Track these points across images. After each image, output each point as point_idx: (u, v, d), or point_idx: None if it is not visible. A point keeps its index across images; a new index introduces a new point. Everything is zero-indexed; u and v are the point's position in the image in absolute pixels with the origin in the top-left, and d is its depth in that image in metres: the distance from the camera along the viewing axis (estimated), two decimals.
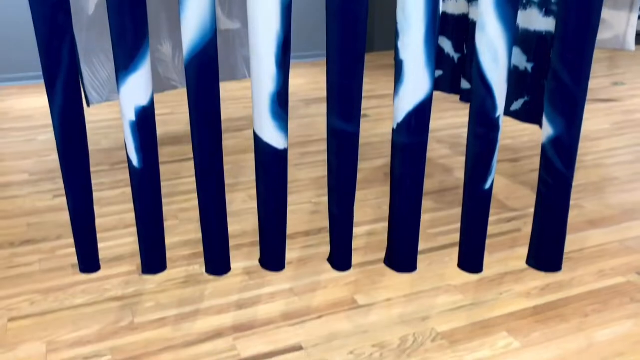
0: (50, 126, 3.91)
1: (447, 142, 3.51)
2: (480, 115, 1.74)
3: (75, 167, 1.80)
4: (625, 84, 4.83)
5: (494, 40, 1.65)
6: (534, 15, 2.60)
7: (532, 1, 2.62)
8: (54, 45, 1.61)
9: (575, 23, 1.66)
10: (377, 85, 4.96)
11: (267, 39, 1.61)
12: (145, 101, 1.71)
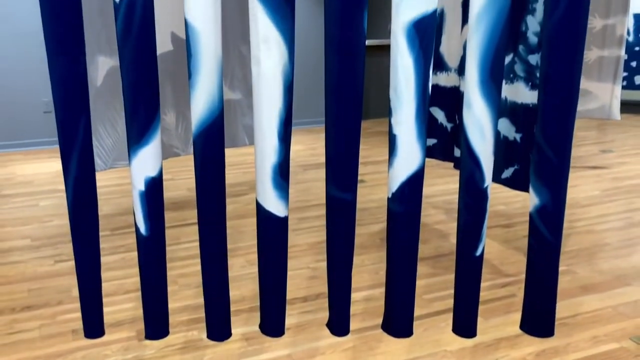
0: (52, 191, 4.01)
1: (442, 208, 3.59)
2: (469, 187, 1.83)
3: (84, 234, 1.86)
4: (613, 151, 4.98)
5: (480, 118, 1.76)
6: (520, 89, 2.74)
7: (519, 75, 2.77)
8: (71, 119, 1.71)
9: (555, 100, 1.78)
10: (373, 151, 5.10)
11: (271, 116, 1.72)
12: (154, 172, 1.80)
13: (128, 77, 1.67)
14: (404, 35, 1.67)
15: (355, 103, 1.75)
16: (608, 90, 4.35)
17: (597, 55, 4.33)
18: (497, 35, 1.69)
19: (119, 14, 1.64)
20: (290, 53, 1.71)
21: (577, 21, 1.71)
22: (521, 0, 2.67)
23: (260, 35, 1.67)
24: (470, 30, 1.71)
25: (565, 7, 1.70)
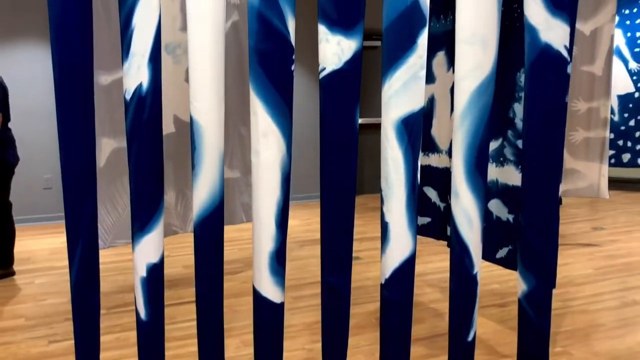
0: (48, 269, 4.02)
1: (437, 286, 3.61)
2: (459, 273, 1.89)
3: (86, 315, 1.89)
4: (605, 229, 5.05)
5: (467, 208, 1.84)
6: (511, 172, 2.85)
7: (509, 159, 2.88)
8: (79, 206, 1.79)
9: (536, 187, 1.87)
10: (369, 227, 5.16)
11: (269, 205, 1.80)
12: (156, 258, 1.85)
13: (136, 169, 1.76)
14: (394, 130, 1.78)
15: (348, 195, 1.84)
16: (596, 169, 4.48)
17: (583, 137, 4.50)
18: (480, 131, 1.81)
19: (129, 111, 1.75)
20: (288, 146, 1.81)
21: (556, 116, 1.83)
22: (509, 89, 2.83)
23: (260, 130, 1.78)
24: (455, 126, 1.83)
25: (543, 111, 1.82)
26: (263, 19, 1.74)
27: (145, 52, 1.72)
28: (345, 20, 1.76)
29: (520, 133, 2.87)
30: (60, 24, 1.74)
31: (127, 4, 1.72)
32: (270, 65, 1.76)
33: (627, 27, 6.06)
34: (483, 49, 1.79)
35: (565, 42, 1.78)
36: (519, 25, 2.67)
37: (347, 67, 1.77)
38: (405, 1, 1.76)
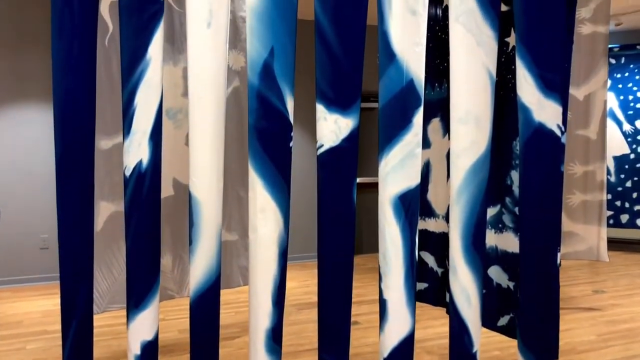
0: (40, 333, 3.93)
1: (436, 353, 3.53)
2: (458, 352, 1.86)
3: None
4: (605, 292, 5.00)
5: (465, 286, 1.84)
6: (510, 239, 2.84)
7: (508, 225, 2.88)
8: (76, 283, 1.78)
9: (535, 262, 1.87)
10: (367, 289, 5.09)
11: (266, 282, 1.80)
12: (151, 336, 1.83)
13: (133, 245, 1.76)
14: (391, 206, 1.80)
15: (345, 267, 1.83)
16: (594, 232, 4.47)
17: (581, 199, 4.52)
18: (477, 207, 1.82)
19: (128, 187, 1.77)
20: (285, 221, 1.82)
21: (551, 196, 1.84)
22: (506, 157, 2.86)
23: (257, 206, 1.79)
24: (451, 202, 1.84)
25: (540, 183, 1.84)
26: (262, 98, 1.78)
27: (146, 130, 1.75)
28: (342, 100, 1.81)
29: (518, 201, 2.88)
30: (63, 90, 1.78)
31: (130, 83, 1.76)
32: (269, 143, 1.79)
33: (620, 90, 6.20)
34: (477, 127, 1.83)
35: (558, 121, 1.82)
36: (513, 96, 2.73)
37: (345, 145, 1.80)
38: (401, 82, 1.81)
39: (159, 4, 1.86)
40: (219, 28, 1.87)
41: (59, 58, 1.80)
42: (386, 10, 1.88)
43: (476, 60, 1.85)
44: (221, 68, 1.86)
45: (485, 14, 1.84)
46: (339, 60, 1.86)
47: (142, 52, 1.81)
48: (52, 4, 1.85)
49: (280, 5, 1.86)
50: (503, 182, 2.88)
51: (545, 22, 1.82)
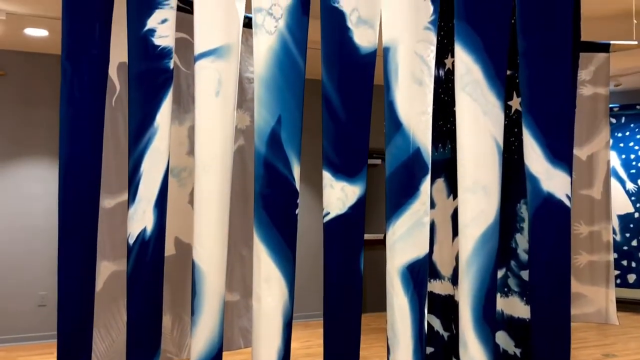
0: None
1: None
2: None
3: None
4: (616, 356, 4.86)
5: None
6: (516, 303, 2.78)
7: (513, 290, 2.83)
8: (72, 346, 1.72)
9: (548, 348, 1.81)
10: (371, 350, 4.96)
11: (269, 354, 1.74)
12: None
13: (134, 312, 1.72)
14: (399, 277, 1.76)
15: (352, 336, 1.78)
16: (602, 294, 4.39)
17: (588, 260, 4.45)
18: (487, 279, 1.78)
19: (131, 255, 1.74)
20: (290, 291, 1.78)
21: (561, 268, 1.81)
22: (510, 219, 2.83)
23: (262, 275, 1.76)
24: (460, 272, 1.81)
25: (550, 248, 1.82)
26: (269, 165, 1.78)
27: (151, 198, 1.74)
28: (349, 167, 1.80)
29: (524, 264, 2.83)
30: (69, 154, 1.78)
31: (137, 150, 1.77)
32: (275, 210, 1.77)
33: (621, 149, 6.23)
34: (485, 196, 1.81)
35: (566, 191, 1.80)
36: (517, 158, 2.73)
37: (351, 212, 1.78)
38: (407, 151, 1.81)
39: (168, 72, 1.89)
40: (227, 97, 1.89)
41: (67, 125, 1.81)
42: (392, 80, 1.90)
43: (483, 129, 1.86)
44: (228, 138, 1.87)
45: (491, 84, 1.86)
46: (346, 128, 1.87)
47: (150, 119, 1.82)
48: (62, 72, 1.87)
49: (288, 74, 1.88)
50: (508, 245, 2.85)
51: (551, 91, 1.84)
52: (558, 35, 1.86)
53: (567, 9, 1.90)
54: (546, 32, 1.85)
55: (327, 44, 1.92)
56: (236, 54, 1.93)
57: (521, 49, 1.90)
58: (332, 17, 1.93)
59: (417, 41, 1.91)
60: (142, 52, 1.87)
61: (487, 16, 1.88)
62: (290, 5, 1.91)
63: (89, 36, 1.90)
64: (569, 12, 1.91)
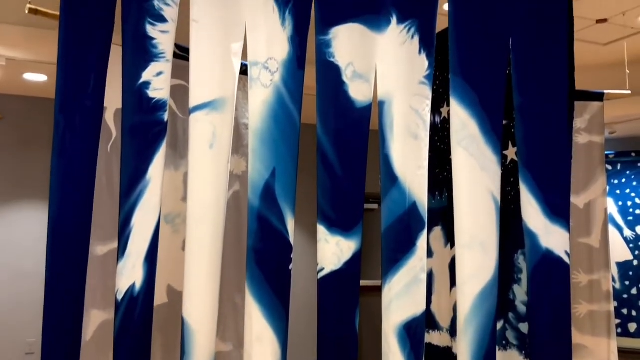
0: None
1: None
2: None
3: None
4: None
5: None
6: (514, 357, 2.71)
7: (512, 343, 2.76)
8: None
9: None
10: None
11: None
12: None
13: None
14: (395, 336, 1.71)
15: None
16: (604, 345, 4.29)
17: (587, 310, 4.37)
18: (486, 339, 1.73)
19: (119, 311, 1.69)
20: (283, 351, 1.72)
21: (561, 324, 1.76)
22: (508, 271, 2.79)
23: (254, 333, 1.70)
24: (459, 332, 1.75)
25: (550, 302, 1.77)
26: (262, 219, 1.75)
27: (141, 253, 1.70)
28: (345, 221, 1.77)
29: (522, 316, 2.77)
30: (59, 202, 1.75)
31: (128, 203, 1.74)
32: (268, 266, 1.73)
33: (618, 196, 6.23)
34: (483, 253, 1.78)
35: (566, 247, 1.77)
36: (513, 208, 2.70)
37: (347, 268, 1.74)
38: (404, 205, 1.78)
39: (162, 124, 1.88)
40: (221, 150, 1.87)
41: (58, 176, 1.79)
42: (388, 133, 1.89)
43: (480, 184, 1.84)
44: (222, 192, 1.84)
45: (487, 139, 1.85)
46: (341, 182, 1.85)
47: (142, 172, 1.80)
48: (55, 125, 1.86)
49: (283, 127, 1.87)
50: (506, 297, 2.80)
51: (548, 147, 1.84)
52: (554, 91, 1.86)
53: (561, 63, 1.92)
54: (542, 88, 1.85)
55: (322, 97, 1.92)
56: (231, 106, 1.92)
57: (517, 104, 1.90)
58: (327, 71, 1.94)
59: (413, 95, 1.91)
60: (136, 105, 1.86)
61: (482, 71, 1.89)
62: (286, 59, 1.92)
63: (84, 88, 1.90)
64: (563, 67, 1.92)
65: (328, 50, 1.95)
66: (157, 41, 1.89)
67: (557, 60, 1.90)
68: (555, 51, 1.91)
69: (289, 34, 1.93)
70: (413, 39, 1.94)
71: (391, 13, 1.96)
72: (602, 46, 5.29)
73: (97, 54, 1.93)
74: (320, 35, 1.96)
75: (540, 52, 1.89)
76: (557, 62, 1.90)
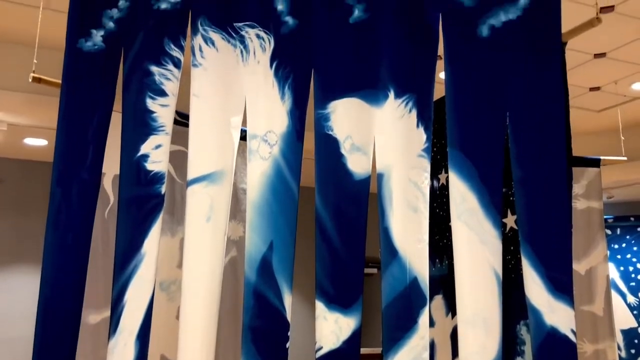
0: None
1: None
2: None
3: None
4: None
5: None
6: None
7: None
8: None
9: None
10: None
11: None
12: None
13: None
14: None
15: None
16: None
17: None
18: None
19: None
20: None
21: None
22: (510, 342, 2.72)
23: None
24: None
25: None
26: (259, 295, 1.71)
27: (133, 330, 1.64)
28: (344, 297, 1.73)
29: None
30: (52, 278, 1.72)
31: (121, 278, 1.70)
32: (264, 344, 1.67)
33: (619, 261, 6.17)
34: (486, 330, 1.73)
35: (571, 325, 1.72)
36: (514, 277, 2.65)
37: (346, 347, 1.68)
38: (404, 281, 1.75)
39: (159, 197, 1.87)
40: (218, 223, 1.86)
41: (50, 252, 1.76)
42: (387, 206, 1.88)
43: (481, 260, 1.81)
44: (218, 264, 1.81)
45: (487, 213, 1.84)
46: (340, 256, 1.82)
47: (137, 246, 1.77)
48: (51, 197, 1.85)
49: (282, 199, 1.86)
50: None
51: (550, 221, 1.82)
52: (553, 164, 1.86)
53: (559, 135, 1.92)
54: (541, 161, 1.86)
55: (320, 170, 1.92)
56: (230, 178, 1.92)
57: (516, 177, 1.89)
58: (325, 144, 1.95)
59: (411, 168, 1.91)
60: (134, 178, 1.86)
61: (480, 145, 1.89)
62: (285, 132, 1.93)
63: (82, 160, 1.90)
64: (561, 139, 1.93)
65: (326, 123, 1.96)
66: (156, 114, 1.91)
67: (555, 132, 1.91)
68: (552, 123, 1.92)
69: (288, 108, 1.95)
70: (411, 113, 1.96)
71: (388, 87, 1.99)
72: (596, 113, 5.39)
73: (97, 127, 1.94)
74: (318, 109, 1.98)
75: (537, 125, 1.90)
76: (555, 134, 1.91)
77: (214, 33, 1.99)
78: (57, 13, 3.34)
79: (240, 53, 2.00)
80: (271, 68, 1.98)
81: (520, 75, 1.96)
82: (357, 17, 2.03)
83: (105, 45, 1.98)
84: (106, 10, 1.99)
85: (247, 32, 2.00)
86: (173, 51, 1.97)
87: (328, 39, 2.03)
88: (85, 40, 1.97)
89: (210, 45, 1.98)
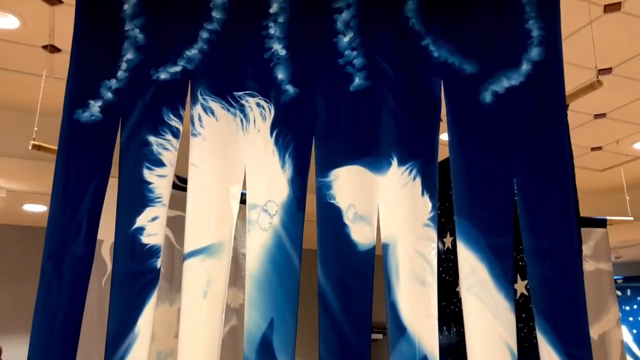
0: None
1: None
2: None
3: None
4: None
5: None
6: None
7: None
8: None
9: None
10: None
11: None
12: None
13: None
14: None
15: None
16: None
17: None
18: None
19: None
20: None
21: None
22: None
23: None
24: None
25: None
26: None
27: None
28: None
29: None
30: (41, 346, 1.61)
31: (119, 352, 1.61)
32: None
33: (631, 323, 5.98)
34: None
35: None
36: (527, 346, 2.53)
37: None
38: (413, 359, 1.64)
39: (154, 272, 1.79)
40: (215, 299, 1.77)
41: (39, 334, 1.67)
42: (393, 279, 1.80)
43: (493, 334, 1.71)
44: (216, 338, 1.71)
45: (499, 285, 1.75)
46: (344, 331, 1.72)
47: (130, 325, 1.68)
48: (41, 274, 1.78)
49: (282, 273, 1.79)
50: None
51: (564, 292, 1.73)
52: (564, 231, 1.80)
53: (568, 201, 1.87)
54: (552, 229, 1.79)
55: (323, 240, 1.85)
56: (228, 250, 1.85)
57: (527, 247, 1.82)
58: (328, 213, 1.89)
59: (417, 238, 1.84)
60: (129, 252, 1.79)
61: (489, 214, 1.83)
62: (286, 201, 1.88)
63: (75, 235, 1.83)
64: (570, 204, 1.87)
65: (328, 192, 1.91)
66: (153, 185, 1.86)
67: (563, 198, 1.86)
68: (561, 188, 1.87)
69: (288, 177, 1.91)
70: (415, 181, 1.91)
71: (391, 155, 1.95)
72: (599, 172, 5.37)
73: (92, 198, 1.89)
74: (320, 177, 1.93)
75: (546, 191, 1.85)
76: (564, 200, 1.86)
77: (213, 102, 1.97)
78: (59, 80, 3.37)
79: (240, 122, 1.97)
80: (271, 136, 1.95)
81: (525, 141, 1.93)
82: (358, 84, 2.02)
83: (103, 116, 1.96)
84: (104, 81, 1.98)
85: (247, 100, 1.98)
86: (172, 121, 1.94)
87: (329, 107, 2.01)
88: (82, 111, 1.95)
89: (210, 115, 1.96)
